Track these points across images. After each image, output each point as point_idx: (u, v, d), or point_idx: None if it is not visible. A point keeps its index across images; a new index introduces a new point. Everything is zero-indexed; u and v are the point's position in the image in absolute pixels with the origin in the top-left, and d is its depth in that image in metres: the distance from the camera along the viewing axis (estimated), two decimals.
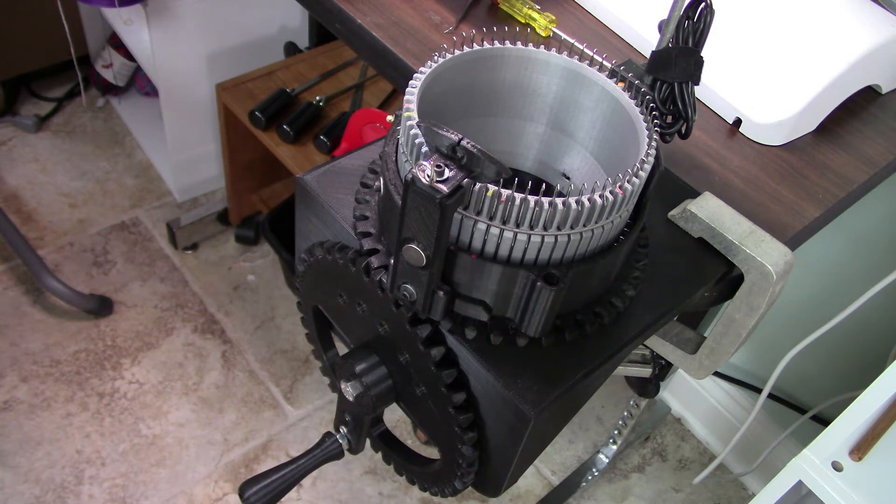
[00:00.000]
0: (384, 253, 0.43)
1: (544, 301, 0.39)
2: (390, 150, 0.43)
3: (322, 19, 0.78)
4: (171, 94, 1.58)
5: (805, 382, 1.36)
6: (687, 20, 0.52)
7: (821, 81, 0.71)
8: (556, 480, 1.50)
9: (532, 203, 0.37)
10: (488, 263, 0.39)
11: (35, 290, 1.60)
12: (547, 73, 0.47)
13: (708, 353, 0.56)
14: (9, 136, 1.87)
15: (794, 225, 0.64)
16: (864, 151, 0.74)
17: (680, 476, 1.54)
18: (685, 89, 0.53)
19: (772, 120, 0.70)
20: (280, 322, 1.63)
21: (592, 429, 1.58)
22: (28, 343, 1.52)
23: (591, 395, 0.50)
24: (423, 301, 0.39)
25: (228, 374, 1.54)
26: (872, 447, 0.78)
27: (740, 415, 1.50)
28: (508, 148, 0.51)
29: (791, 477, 0.77)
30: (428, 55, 0.47)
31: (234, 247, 1.75)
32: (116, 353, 1.53)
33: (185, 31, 1.49)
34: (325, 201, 0.47)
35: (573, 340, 0.43)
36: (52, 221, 1.72)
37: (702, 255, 0.51)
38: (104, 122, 1.95)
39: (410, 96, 0.40)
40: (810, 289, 1.28)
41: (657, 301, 0.48)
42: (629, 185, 0.39)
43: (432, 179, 0.34)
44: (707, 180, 0.66)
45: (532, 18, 0.76)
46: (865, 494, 0.75)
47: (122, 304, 1.61)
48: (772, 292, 0.50)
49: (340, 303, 0.47)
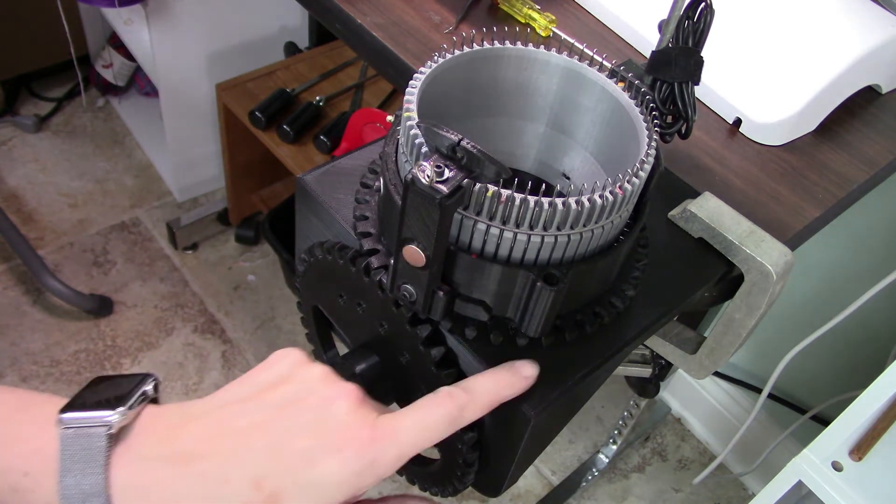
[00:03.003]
0: (384, 253, 0.43)
1: (544, 301, 0.39)
2: (390, 151, 0.43)
3: (322, 19, 0.78)
4: (171, 94, 1.58)
5: (805, 382, 1.36)
6: (687, 20, 0.52)
7: (821, 81, 0.71)
8: (556, 480, 1.50)
9: (532, 203, 0.37)
10: (488, 263, 0.39)
11: (35, 290, 1.60)
12: (547, 73, 0.47)
13: (708, 353, 0.56)
14: (9, 136, 1.87)
15: (794, 225, 0.64)
16: (864, 151, 0.74)
17: (680, 476, 1.54)
18: (685, 89, 0.53)
19: (772, 120, 0.70)
20: (280, 322, 1.63)
21: (592, 429, 1.58)
22: (28, 343, 1.52)
23: (591, 395, 0.50)
24: (423, 301, 0.39)
25: (228, 374, 1.54)
26: (872, 447, 0.78)
27: (740, 415, 1.50)
28: (508, 148, 0.51)
29: (791, 477, 0.77)
30: (428, 55, 0.47)
31: (234, 247, 1.76)
32: (116, 353, 1.53)
33: (185, 31, 1.49)
34: (325, 201, 0.47)
35: (573, 340, 0.43)
36: (52, 221, 1.72)
37: (702, 255, 0.51)
38: (104, 122, 1.95)
39: (410, 96, 0.40)
40: (810, 289, 1.28)
41: (657, 301, 0.48)
42: (629, 185, 0.39)
43: (432, 180, 0.34)
44: (707, 180, 0.66)
45: (532, 18, 0.76)
46: (865, 494, 0.75)
47: (122, 304, 1.61)
48: (772, 292, 0.50)
49: (340, 303, 0.47)
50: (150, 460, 0.36)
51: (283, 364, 0.40)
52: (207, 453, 0.36)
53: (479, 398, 0.39)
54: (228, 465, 0.36)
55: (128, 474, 0.36)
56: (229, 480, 0.35)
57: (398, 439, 0.37)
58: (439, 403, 0.38)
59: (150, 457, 0.36)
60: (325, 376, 0.39)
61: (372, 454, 0.36)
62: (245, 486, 0.35)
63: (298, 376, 0.39)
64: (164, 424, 0.38)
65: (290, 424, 0.37)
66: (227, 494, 0.35)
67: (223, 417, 0.38)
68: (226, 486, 0.35)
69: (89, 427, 0.36)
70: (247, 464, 0.36)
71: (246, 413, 0.38)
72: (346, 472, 0.36)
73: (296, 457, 0.36)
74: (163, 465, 0.36)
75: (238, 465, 0.36)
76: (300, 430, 0.37)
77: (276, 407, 0.38)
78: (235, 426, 0.37)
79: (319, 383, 0.39)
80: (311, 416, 0.37)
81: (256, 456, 0.36)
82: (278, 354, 0.41)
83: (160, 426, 0.38)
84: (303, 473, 0.36)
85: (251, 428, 0.37)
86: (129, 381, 0.39)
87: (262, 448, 0.36)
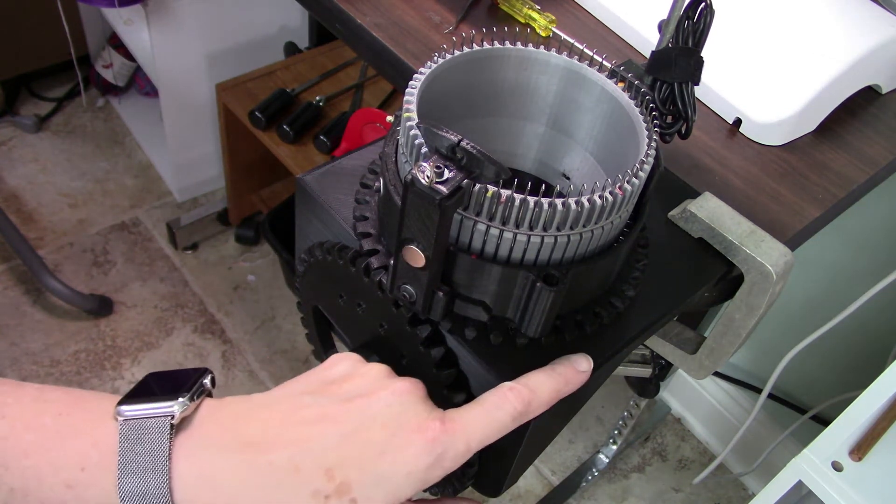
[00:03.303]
0: (384, 253, 0.43)
1: (544, 301, 0.39)
2: (390, 151, 0.43)
3: (322, 19, 0.78)
4: (171, 94, 1.58)
5: (805, 382, 1.36)
6: (687, 20, 0.52)
7: (821, 81, 0.71)
8: (556, 480, 1.50)
9: (532, 203, 0.37)
10: (488, 264, 0.39)
11: (35, 290, 1.60)
12: (547, 73, 0.47)
13: (708, 353, 0.56)
14: (9, 136, 1.87)
15: (794, 225, 0.64)
16: (864, 151, 0.74)
17: (680, 476, 1.54)
18: (685, 89, 0.53)
19: (772, 120, 0.70)
20: (280, 322, 1.63)
21: (592, 429, 1.58)
22: (28, 343, 1.52)
23: (591, 395, 0.50)
24: (422, 301, 0.40)
25: (228, 374, 1.54)
26: (872, 447, 0.78)
27: (740, 415, 1.50)
28: (508, 148, 0.51)
29: (791, 477, 0.77)
30: (428, 55, 0.47)
31: (234, 247, 1.75)
32: (116, 353, 1.53)
33: (185, 31, 1.49)
34: (325, 201, 0.47)
35: (573, 341, 0.43)
36: (52, 221, 1.72)
37: (702, 255, 0.51)
38: (104, 122, 1.95)
39: (410, 97, 0.40)
40: (810, 289, 1.28)
41: (657, 301, 0.48)
42: (629, 185, 0.39)
43: (432, 180, 0.34)
44: (707, 180, 0.66)
45: (532, 18, 0.76)
46: (865, 494, 0.75)
47: (122, 304, 1.61)
48: (772, 292, 0.50)
49: (340, 303, 0.47)
50: (216, 450, 0.35)
51: (344, 364, 0.40)
52: (277, 442, 0.35)
53: (541, 395, 0.39)
54: (299, 453, 0.35)
55: (191, 465, 0.35)
56: (300, 469, 0.35)
57: (467, 433, 0.37)
58: (505, 399, 0.38)
59: (216, 446, 0.35)
60: (389, 372, 0.39)
61: (442, 447, 0.36)
62: (316, 475, 0.35)
63: (362, 372, 0.39)
64: (227, 414, 0.37)
65: (361, 416, 0.36)
66: (297, 483, 0.35)
67: (292, 407, 0.37)
68: (296, 475, 0.35)
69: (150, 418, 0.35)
70: (318, 453, 0.35)
71: (316, 404, 0.37)
72: (417, 464, 0.36)
73: (368, 447, 0.36)
74: (229, 454, 0.35)
75: (309, 453, 0.35)
76: (372, 422, 0.36)
77: (345, 399, 0.37)
78: (305, 416, 0.36)
79: (385, 378, 0.39)
80: (382, 408, 0.37)
81: (327, 445, 0.35)
82: (336, 358, 0.41)
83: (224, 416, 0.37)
84: (374, 464, 0.35)
85: (322, 418, 0.36)
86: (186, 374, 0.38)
87: (334, 438, 0.36)
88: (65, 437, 0.35)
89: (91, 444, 0.35)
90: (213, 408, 0.37)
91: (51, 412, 0.36)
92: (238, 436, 0.36)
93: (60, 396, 0.37)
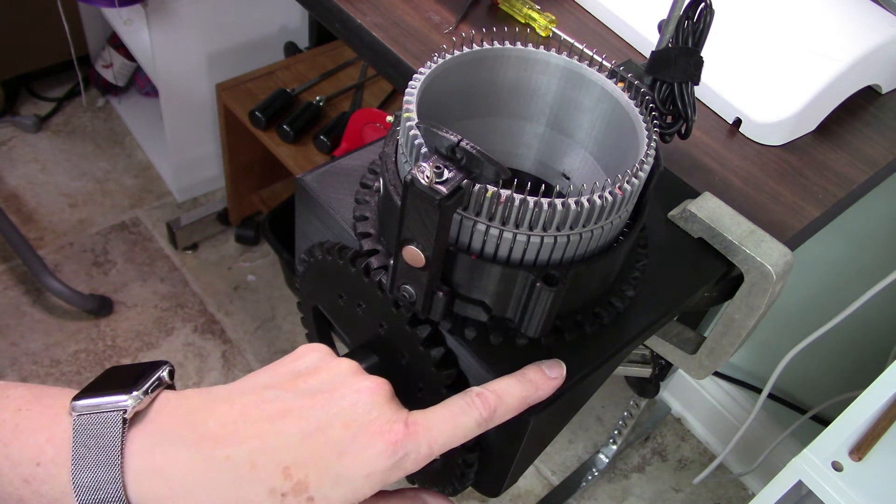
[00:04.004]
0: (384, 253, 0.43)
1: (544, 302, 0.39)
2: (390, 151, 0.43)
3: (322, 19, 0.78)
4: (171, 94, 1.58)
5: (805, 382, 1.36)
6: (687, 20, 0.52)
7: (821, 81, 0.71)
8: (556, 480, 1.50)
9: (531, 204, 0.37)
10: (488, 264, 0.39)
11: (35, 290, 1.60)
12: (547, 73, 0.47)
13: (708, 353, 0.56)
14: (9, 136, 1.87)
15: (794, 225, 0.64)
16: (864, 151, 0.74)
17: (680, 476, 1.54)
18: (685, 89, 0.53)
19: (772, 120, 0.70)
20: (280, 322, 1.63)
21: (592, 429, 1.58)
22: (28, 343, 1.52)
23: (591, 396, 0.50)
24: (422, 301, 0.39)
25: (228, 374, 1.54)
26: (872, 447, 0.78)
27: (740, 415, 1.50)
28: (508, 148, 0.51)
29: (791, 477, 0.77)
30: (428, 55, 0.47)
31: (234, 247, 1.75)
32: (116, 353, 1.53)
33: (185, 31, 1.49)
34: (325, 202, 0.47)
35: (573, 341, 0.43)
36: (52, 221, 1.72)
37: (702, 255, 0.51)
38: (104, 122, 1.95)
39: (410, 97, 0.40)
40: (810, 289, 1.28)
41: (657, 301, 0.48)
42: (629, 185, 0.39)
43: (431, 180, 0.34)
44: (707, 180, 0.66)
45: (532, 18, 0.76)
46: (865, 494, 0.75)
47: (122, 304, 1.61)
48: (772, 292, 0.50)
49: (340, 303, 0.47)
50: (170, 443, 0.35)
51: (312, 356, 0.39)
52: (235, 436, 0.35)
53: (508, 402, 0.39)
54: (257, 449, 0.34)
55: (144, 458, 0.34)
56: (257, 465, 0.34)
57: (430, 436, 0.36)
58: (472, 404, 0.38)
59: (171, 439, 0.35)
60: (357, 370, 0.39)
61: (404, 450, 0.36)
62: (273, 473, 0.34)
63: (329, 368, 0.38)
64: (184, 408, 0.36)
65: (324, 413, 0.36)
66: (254, 479, 0.34)
67: (252, 402, 0.36)
68: (253, 471, 0.34)
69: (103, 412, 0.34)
70: (276, 450, 0.35)
71: (278, 399, 0.36)
72: (378, 465, 0.35)
73: (328, 447, 0.35)
74: (184, 448, 0.34)
75: (267, 450, 0.34)
76: (333, 420, 0.36)
77: (308, 395, 0.37)
78: (265, 411, 0.36)
79: (351, 376, 0.38)
80: (344, 406, 0.36)
81: (287, 443, 0.35)
82: (304, 348, 0.40)
83: (180, 410, 0.36)
84: (333, 464, 0.35)
85: (283, 414, 0.36)
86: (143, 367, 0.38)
87: (294, 435, 0.35)
88: (22, 432, 0.35)
89: (46, 440, 0.35)
90: (170, 401, 0.37)
91: (10, 408, 0.35)
92: (195, 429, 0.35)
93: (22, 393, 0.36)
